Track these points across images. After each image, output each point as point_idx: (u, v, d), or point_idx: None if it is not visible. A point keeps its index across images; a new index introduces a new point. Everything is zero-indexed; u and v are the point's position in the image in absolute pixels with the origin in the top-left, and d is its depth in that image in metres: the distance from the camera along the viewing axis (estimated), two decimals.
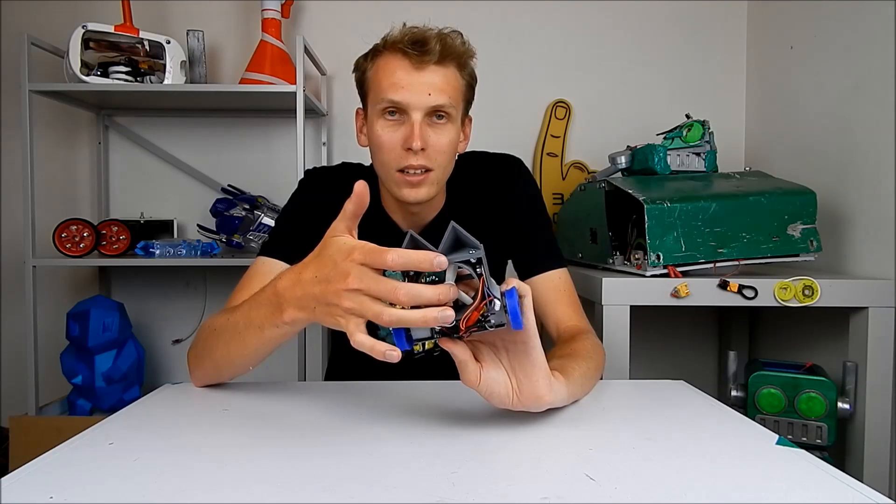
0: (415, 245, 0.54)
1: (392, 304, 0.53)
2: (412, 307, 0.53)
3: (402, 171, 0.88)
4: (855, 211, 1.43)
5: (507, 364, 0.61)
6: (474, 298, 0.55)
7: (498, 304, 0.55)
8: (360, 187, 0.57)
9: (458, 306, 0.55)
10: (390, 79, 0.86)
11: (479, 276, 0.54)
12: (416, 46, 0.84)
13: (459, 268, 0.55)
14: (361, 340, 0.54)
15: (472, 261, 0.54)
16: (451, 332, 0.56)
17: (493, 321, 0.55)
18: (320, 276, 0.57)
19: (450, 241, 0.54)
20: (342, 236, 0.57)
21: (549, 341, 0.96)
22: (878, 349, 1.24)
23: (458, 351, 0.58)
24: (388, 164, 0.89)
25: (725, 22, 1.96)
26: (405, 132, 0.86)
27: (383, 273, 0.54)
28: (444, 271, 0.54)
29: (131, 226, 1.74)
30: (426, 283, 0.55)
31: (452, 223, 0.54)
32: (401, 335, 0.55)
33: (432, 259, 0.51)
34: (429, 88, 0.85)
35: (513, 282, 0.58)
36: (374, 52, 0.90)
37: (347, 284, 0.54)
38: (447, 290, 0.53)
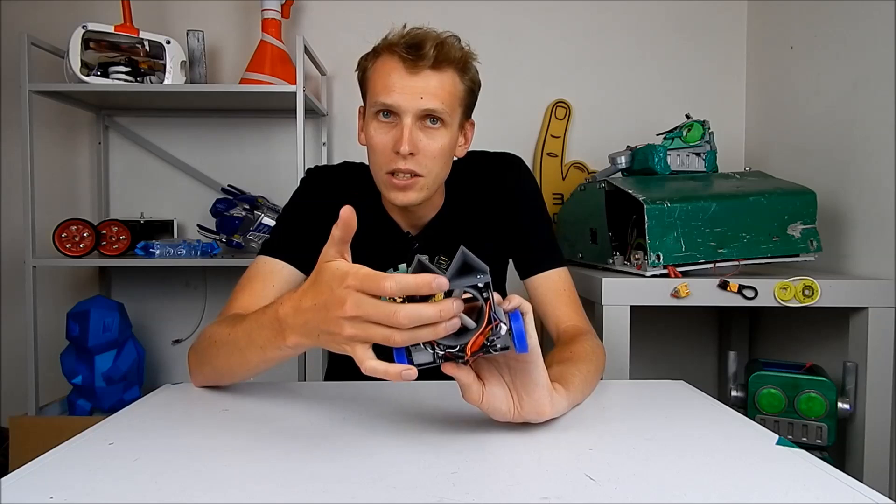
0: (422, 269, 0.52)
1: None
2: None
3: (391, 173, 0.87)
4: (855, 211, 1.43)
5: (508, 380, 0.61)
6: (477, 322, 0.54)
7: (504, 328, 0.54)
8: (346, 213, 0.55)
9: (461, 331, 0.54)
10: (384, 81, 0.85)
11: (486, 300, 0.53)
12: (412, 50, 0.83)
13: (465, 291, 0.53)
14: (374, 367, 0.53)
15: (480, 286, 0.53)
16: (455, 357, 0.55)
17: (498, 345, 0.54)
18: (318, 303, 0.56)
19: (458, 265, 0.53)
20: (334, 261, 0.56)
21: (549, 341, 0.96)
22: (878, 349, 1.24)
23: (462, 375, 0.58)
24: (378, 166, 0.89)
25: (725, 22, 1.96)
26: (395, 135, 0.86)
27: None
28: (451, 292, 0.53)
29: (131, 226, 1.74)
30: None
31: (462, 248, 0.52)
32: (402, 357, 0.54)
33: (431, 282, 0.50)
34: (421, 92, 0.84)
35: (515, 299, 0.57)
36: (374, 53, 0.90)
37: (345, 312, 0.53)
38: (449, 305, 0.51)
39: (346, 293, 0.53)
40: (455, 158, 0.95)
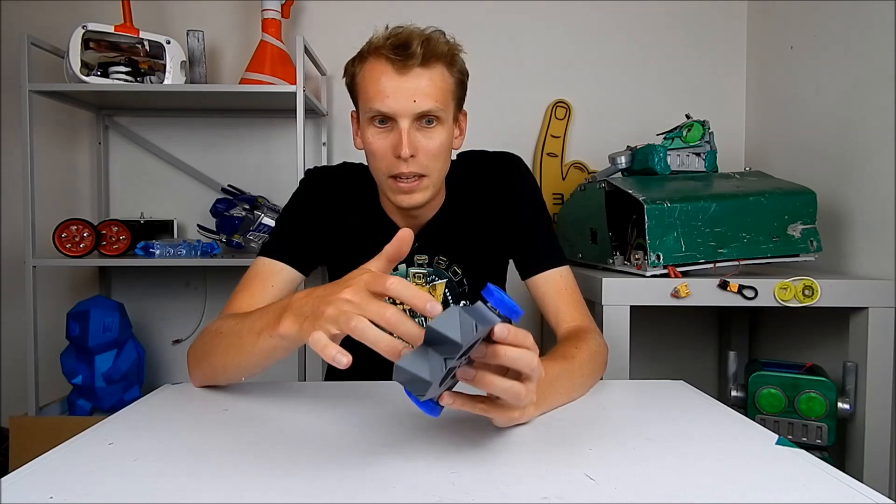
0: (468, 313, 0.49)
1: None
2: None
3: (394, 177, 0.87)
4: (855, 211, 1.43)
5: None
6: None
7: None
8: (405, 233, 0.58)
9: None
10: (375, 87, 0.84)
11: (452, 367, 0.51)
12: (399, 50, 0.82)
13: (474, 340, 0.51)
14: (317, 338, 0.53)
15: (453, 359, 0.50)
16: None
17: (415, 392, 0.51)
18: (328, 289, 0.58)
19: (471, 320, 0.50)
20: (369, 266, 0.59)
21: (552, 339, 0.96)
22: (878, 349, 1.24)
23: None
24: (380, 171, 0.89)
25: (725, 22, 1.96)
26: (394, 140, 0.85)
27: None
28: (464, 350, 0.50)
29: (131, 226, 1.74)
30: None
31: (453, 307, 0.51)
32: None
33: (425, 302, 0.51)
34: (414, 94, 0.84)
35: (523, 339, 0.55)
36: (360, 57, 0.89)
37: (341, 294, 0.55)
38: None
39: (354, 282, 0.56)
40: (454, 152, 0.95)
